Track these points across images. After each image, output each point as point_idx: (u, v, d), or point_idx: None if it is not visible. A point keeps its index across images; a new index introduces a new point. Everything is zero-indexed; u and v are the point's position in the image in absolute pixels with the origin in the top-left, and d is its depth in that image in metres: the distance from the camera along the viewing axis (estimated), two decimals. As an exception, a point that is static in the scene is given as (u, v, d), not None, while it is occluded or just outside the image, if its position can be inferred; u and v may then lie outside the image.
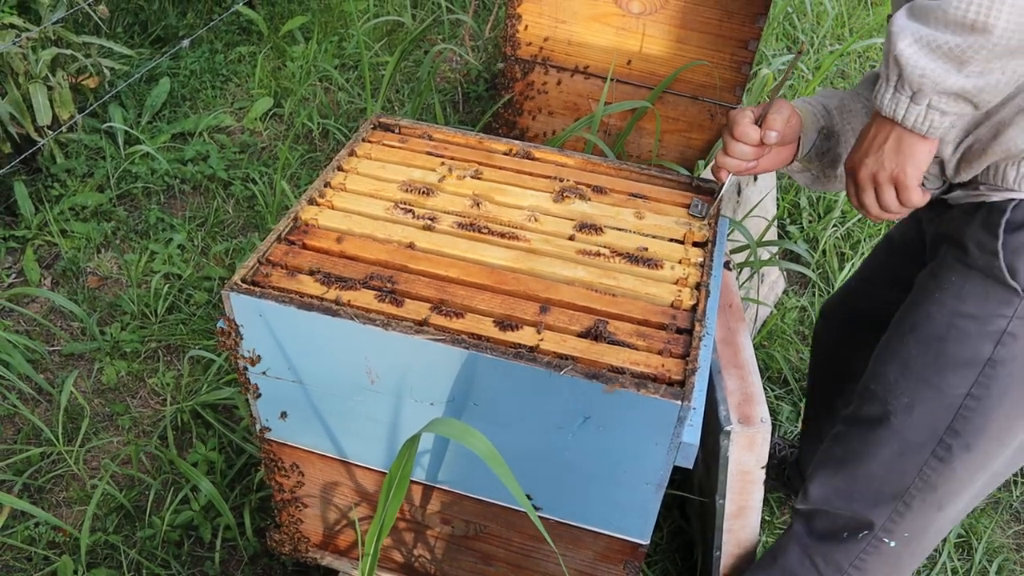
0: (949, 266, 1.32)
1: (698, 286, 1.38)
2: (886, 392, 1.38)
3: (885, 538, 1.46)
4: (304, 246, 1.42)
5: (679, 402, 1.17)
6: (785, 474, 2.23)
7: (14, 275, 2.72)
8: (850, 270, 2.87)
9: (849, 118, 1.47)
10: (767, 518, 2.20)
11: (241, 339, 1.37)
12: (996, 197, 1.25)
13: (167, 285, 2.67)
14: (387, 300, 1.31)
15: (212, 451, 2.15)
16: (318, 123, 3.36)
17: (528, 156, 1.67)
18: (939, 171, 1.33)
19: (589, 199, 1.55)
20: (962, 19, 1.02)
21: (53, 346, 2.51)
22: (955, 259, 1.31)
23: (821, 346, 1.97)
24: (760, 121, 1.38)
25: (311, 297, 1.31)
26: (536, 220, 1.49)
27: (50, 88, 2.84)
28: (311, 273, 1.35)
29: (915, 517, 1.43)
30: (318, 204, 1.51)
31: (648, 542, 1.43)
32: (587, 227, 1.47)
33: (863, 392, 1.45)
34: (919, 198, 1.23)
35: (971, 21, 1.02)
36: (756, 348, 2.57)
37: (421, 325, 1.27)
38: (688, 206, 1.55)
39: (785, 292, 2.88)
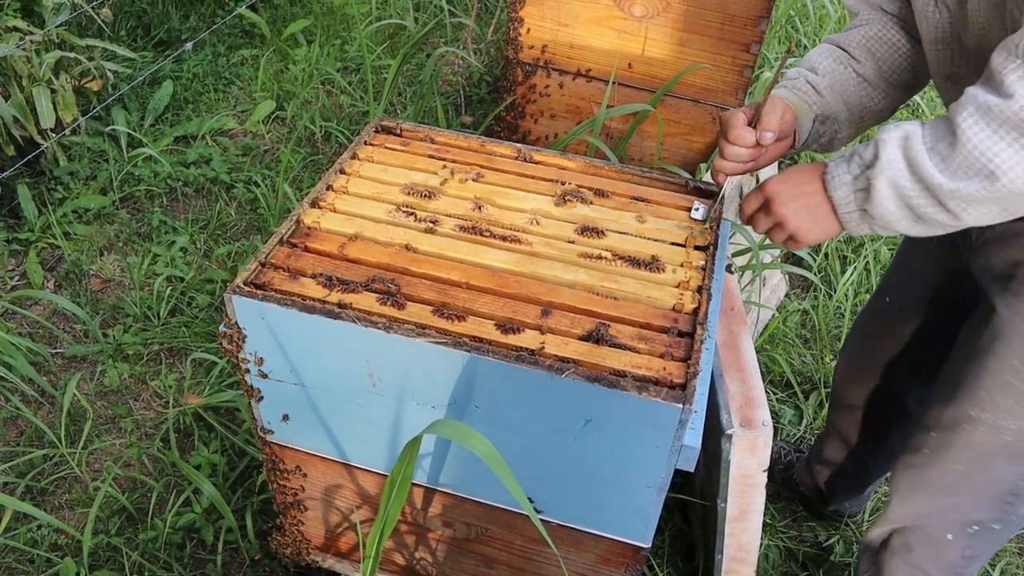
0: None
1: (700, 289, 1.38)
2: (997, 418, 1.40)
3: (994, 525, 1.52)
4: (306, 249, 1.42)
5: (680, 405, 1.17)
6: (793, 479, 2.22)
7: (17, 277, 2.73)
8: (852, 273, 2.87)
9: (842, 91, 1.45)
10: (768, 522, 2.20)
11: (243, 342, 1.37)
12: None
13: (169, 288, 2.67)
14: (389, 303, 1.31)
15: (214, 453, 2.15)
16: (320, 126, 3.37)
17: (530, 159, 1.67)
18: None
19: (591, 202, 1.55)
20: (946, 198, 1.12)
21: (56, 348, 2.51)
22: None
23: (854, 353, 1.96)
24: (754, 122, 1.38)
25: (313, 300, 1.31)
26: (538, 223, 1.49)
27: (53, 91, 2.85)
28: (313, 276, 1.36)
29: (1022, 501, 1.48)
30: (320, 207, 1.51)
31: (649, 545, 1.43)
32: (589, 230, 1.47)
33: (959, 419, 1.45)
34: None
35: (952, 210, 1.13)
36: (758, 351, 2.56)
37: (423, 328, 1.27)
38: (690, 209, 1.55)
39: (787, 295, 2.88)
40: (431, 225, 1.47)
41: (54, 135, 2.93)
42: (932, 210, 1.14)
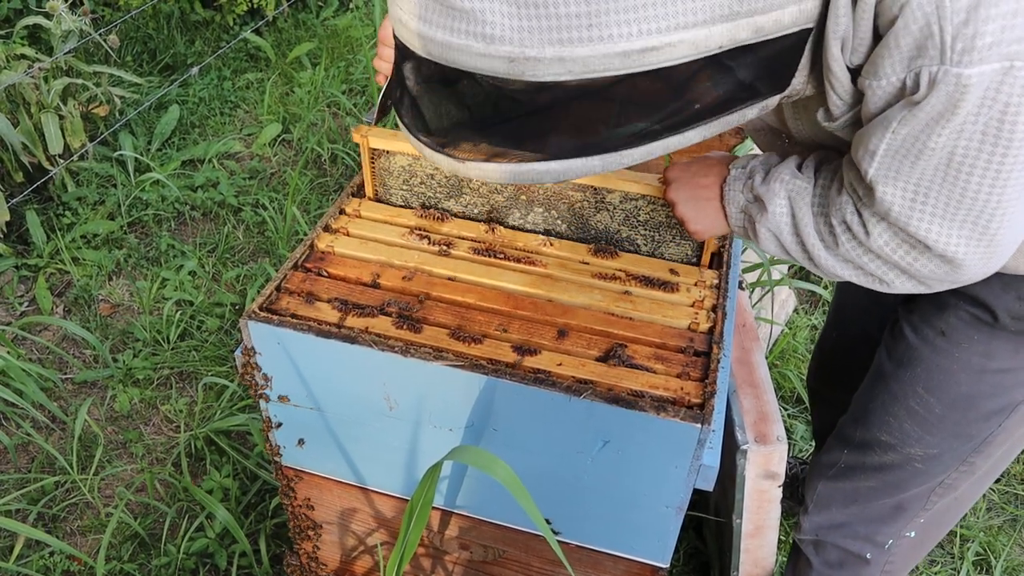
0: (968, 325, 1.28)
1: (714, 308, 1.38)
2: (905, 445, 1.40)
3: (907, 533, 1.51)
4: (321, 273, 1.42)
5: (699, 425, 1.17)
6: (799, 493, 2.22)
7: (27, 303, 2.73)
8: (860, 287, 2.86)
9: None
10: (783, 537, 2.19)
11: (259, 367, 1.37)
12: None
13: (179, 312, 2.67)
14: (405, 326, 1.31)
15: (226, 478, 2.15)
16: (327, 148, 3.39)
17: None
18: None
19: (603, 222, 1.55)
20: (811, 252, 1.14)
21: (66, 374, 2.52)
22: (974, 319, 1.27)
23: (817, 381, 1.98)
24: None
25: (329, 324, 1.31)
26: (551, 244, 1.49)
27: (61, 117, 2.87)
28: (328, 300, 1.36)
29: (935, 510, 1.47)
30: (333, 231, 1.51)
31: (668, 565, 1.42)
32: (602, 251, 1.47)
33: (870, 442, 1.45)
34: None
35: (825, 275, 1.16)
36: (769, 367, 2.56)
37: (440, 351, 1.27)
38: None
39: (796, 311, 2.88)
40: (445, 248, 1.47)
41: (62, 161, 2.95)
42: (807, 264, 1.17)
